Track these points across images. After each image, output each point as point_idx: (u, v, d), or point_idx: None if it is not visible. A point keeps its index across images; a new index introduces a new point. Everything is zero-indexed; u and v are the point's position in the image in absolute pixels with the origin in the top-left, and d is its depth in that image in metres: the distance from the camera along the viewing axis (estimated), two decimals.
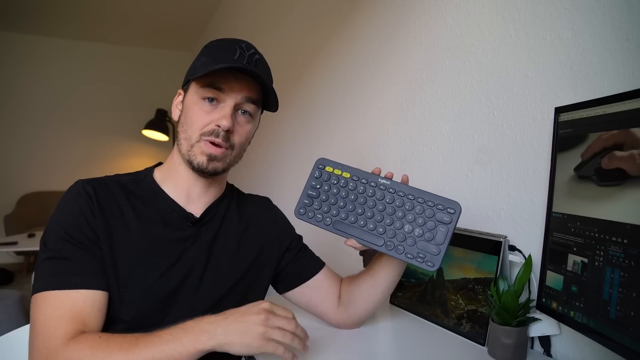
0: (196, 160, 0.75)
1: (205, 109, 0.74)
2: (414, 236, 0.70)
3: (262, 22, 2.73)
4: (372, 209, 0.73)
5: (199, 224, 0.80)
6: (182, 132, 0.77)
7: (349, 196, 0.75)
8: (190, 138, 0.75)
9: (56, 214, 0.71)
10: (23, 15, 3.86)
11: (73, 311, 0.64)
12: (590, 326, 0.61)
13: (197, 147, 0.75)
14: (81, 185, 0.73)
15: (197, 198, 0.81)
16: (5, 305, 2.16)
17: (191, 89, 0.77)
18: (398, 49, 1.36)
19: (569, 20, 0.83)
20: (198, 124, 0.74)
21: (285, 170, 2.32)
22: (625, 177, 0.57)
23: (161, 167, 0.83)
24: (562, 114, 0.72)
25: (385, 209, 0.73)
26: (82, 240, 0.68)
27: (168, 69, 4.64)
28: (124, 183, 0.78)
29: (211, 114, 0.74)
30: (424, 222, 0.70)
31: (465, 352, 0.85)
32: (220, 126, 0.73)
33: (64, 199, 0.72)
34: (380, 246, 0.72)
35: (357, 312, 0.90)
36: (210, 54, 0.76)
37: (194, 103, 0.75)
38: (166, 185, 0.80)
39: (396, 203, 0.72)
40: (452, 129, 1.14)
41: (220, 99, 0.75)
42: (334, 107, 1.79)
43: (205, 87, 0.74)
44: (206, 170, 0.76)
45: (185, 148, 0.76)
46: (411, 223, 0.71)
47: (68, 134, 4.50)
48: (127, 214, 0.74)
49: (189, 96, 0.77)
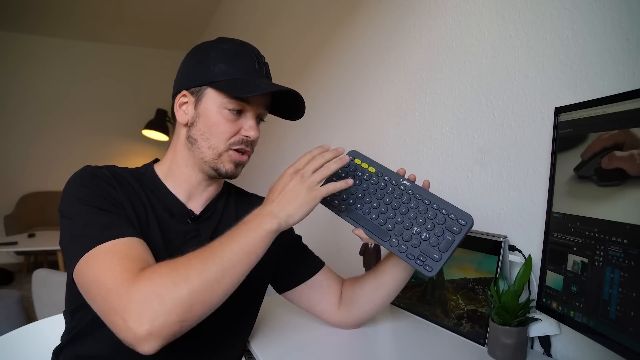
0: (224, 168, 0.77)
1: (229, 118, 0.75)
2: (420, 238, 0.71)
3: (262, 22, 2.73)
4: (387, 205, 0.75)
5: (198, 221, 0.80)
6: (203, 141, 0.76)
7: (369, 189, 0.77)
8: (217, 147, 0.75)
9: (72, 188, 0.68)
10: (23, 15, 3.86)
11: (132, 252, 0.61)
12: (590, 326, 0.61)
13: (226, 156, 0.76)
14: (94, 167, 0.73)
15: (198, 196, 0.81)
16: (5, 305, 2.16)
17: (210, 96, 0.75)
18: (398, 48, 1.36)
19: (569, 20, 0.83)
20: (225, 135, 0.75)
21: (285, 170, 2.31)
22: (625, 177, 0.57)
23: (161, 165, 0.83)
24: (562, 114, 0.72)
25: (400, 207, 0.74)
26: (110, 206, 0.67)
27: (168, 69, 4.62)
28: (129, 172, 0.78)
29: (236, 123, 0.75)
30: (433, 227, 0.71)
31: (465, 352, 0.85)
32: (251, 137, 0.76)
33: (77, 178, 0.70)
34: (385, 241, 0.72)
35: (359, 313, 0.90)
36: (229, 60, 0.75)
37: (217, 112, 0.74)
38: (168, 182, 0.80)
39: (411, 204, 0.73)
40: (452, 129, 1.14)
41: (245, 109, 0.76)
42: (334, 106, 1.79)
43: (233, 99, 0.74)
44: (234, 176, 0.78)
45: (211, 157, 0.76)
46: (420, 225, 0.71)
47: (68, 134, 4.50)
48: (142, 198, 0.74)
49: (207, 103, 0.75)
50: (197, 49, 0.79)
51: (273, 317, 1.02)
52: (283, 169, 0.73)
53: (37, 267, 3.35)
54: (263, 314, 1.01)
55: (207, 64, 0.75)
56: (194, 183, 0.80)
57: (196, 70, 0.76)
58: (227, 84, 0.73)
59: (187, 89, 0.77)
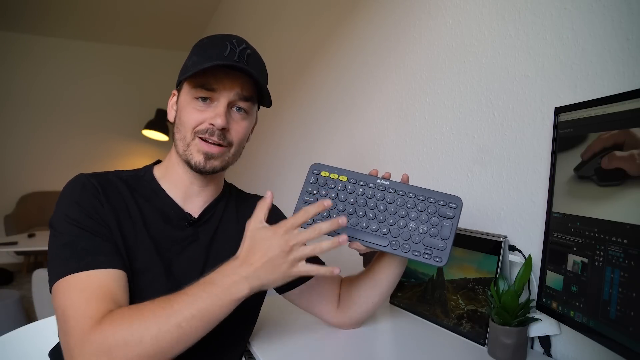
0: (193, 159, 0.75)
1: (198, 108, 0.74)
2: (419, 233, 0.70)
3: (262, 21, 2.73)
4: (373, 210, 0.73)
5: (196, 225, 0.79)
6: (177, 133, 0.77)
7: (349, 199, 0.74)
8: (185, 137, 0.75)
9: (64, 201, 0.70)
10: (22, 15, 3.86)
11: (101, 290, 0.62)
12: (590, 326, 0.61)
13: (193, 145, 0.75)
14: (85, 178, 0.73)
15: (195, 197, 0.81)
16: (5, 305, 2.16)
17: (184, 89, 0.76)
18: (398, 48, 1.36)
19: (569, 20, 0.83)
20: (191, 123, 0.74)
21: (284, 170, 2.32)
22: (625, 177, 0.57)
23: (160, 166, 0.83)
24: (562, 114, 0.72)
25: (387, 209, 0.72)
26: (96, 226, 0.68)
27: (168, 69, 4.62)
28: (125, 178, 0.78)
29: (204, 112, 0.74)
30: (428, 219, 0.70)
31: (465, 352, 0.85)
32: (215, 125, 0.73)
33: (69, 189, 0.72)
34: (385, 246, 0.71)
35: (357, 313, 0.90)
36: (201, 52, 0.75)
37: (187, 103, 0.75)
38: (165, 184, 0.80)
39: (397, 202, 0.72)
40: (452, 129, 1.14)
41: (213, 97, 0.74)
42: (334, 107, 1.79)
43: (197, 87, 0.73)
44: (204, 170, 0.75)
45: (182, 148, 0.76)
46: (415, 220, 0.71)
47: (68, 134, 4.50)
48: (131, 208, 0.74)
49: (182, 96, 0.77)
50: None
51: (273, 318, 1.02)
52: (283, 169, 0.73)
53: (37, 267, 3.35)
54: (264, 315, 1.01)
55: (186, 60, 0.77)
56: (187, 183, 0.80)
57: (182, 68, 0.78)
58: (188, 70, 0.73)
59: (176, 87, 0.80)
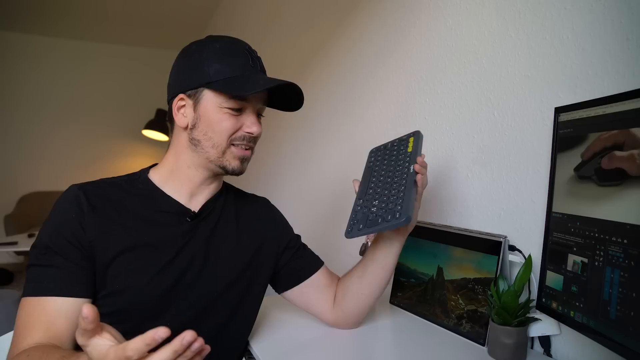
0: (230, 165, 0.78)
1: (231, 116, 0.76)
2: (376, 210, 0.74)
3: (262, 21, 2.73)
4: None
5: (197, 219, 0.80)
6: (206, 140, 0.76)
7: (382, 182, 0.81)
8: (220, 145, 0.76)
9: (46, 221, 0.72)
10: (22, 15, 3.85)
11: (41, 318, 0.66)
12: (590, 326, 0.61)
13: (229, 152, 0.77)
14: (72, 190, 0.74)
15: (199, 195, 0.82)
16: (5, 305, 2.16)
17: (209, 97, 0.75)
18: (398, 48, 1.36)
19: (569, 20, 0.83)
20: (228, 132, 0.76)
21: (284, 170, 2.32)
22: (625, 177, 0.57)
23: (159, 169, 0.82)
24: (562, 114, 0.72)
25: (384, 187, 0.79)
26: (64, 248, 0.69)
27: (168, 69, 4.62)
28: (119, 183, 0.79)
29: (237, 120, 0.76)
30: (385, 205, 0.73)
31: (465, 352, 0.85)
32: (253, 133, 0.77)
33: (54, 206, 0.73)
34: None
35: (350, 308, 0.90)
36: (222, 59, 0.74)
37: (217, 111, 0.75)
38: (168, 186, 0.80)
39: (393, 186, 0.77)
40: (452, 129, 1.14)
41: (244, 107, 0.77)
42: (334, 107, 1.79)
43: (231, 99, 0.74)
44: (240, 172, 0.79)
45: (216, 155, 0.77)
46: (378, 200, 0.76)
47: (68, 133, 4.50)
48: (123, 213, 0.74)
49: (206, 104, 0.75)
50: (187, 51, 0.79)
51: (273, 318, 1.02)
52: (282, 169, 0.73)
53: None
54: (264, 315, 1.02)
55: (201, 65, 0.75)
56: (197, 183, 0.80)
57: (190, 72, 0.76)
58: (225, 83, 0.73)
59: (183, 92, 0.76)
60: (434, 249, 1.04)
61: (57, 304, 0.67)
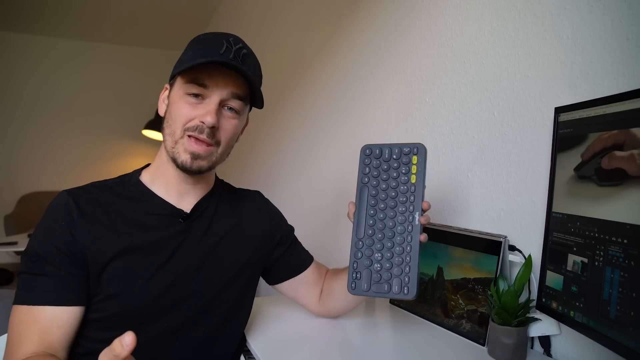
0: (180, 158, 0.73)
1: (191, 104, 0.73)
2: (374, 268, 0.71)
3: (262, 21, 2.73)
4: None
5: (189, 219, 0.79)
6: (166, 128, 0.76)
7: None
8: (174, 133, 0.74)
9: (36, 228, 0.72)
10: (21, 15, 3.85)
11: (34, 327, 0.66)
12: (590, 326, 0.61)
13: (181, 143, 0.73)
14: (62, 197, 0.73)
15: (187, 195, 0.81)
16: (5, 305, 2.16)
17: (177, 84, 0.75)
18: (398, 49, 1.36)
19: (569, 20, 0.83)
20: (182, 119, 0.73)
21: (284, 170, 2.32)
22: (625, 177, 0.57)
23: (149, 168, 0.82)
24: (562, 114, 0.72)
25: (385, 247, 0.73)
26: (55, 256, 0.69)
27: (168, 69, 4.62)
28: (110, 186, 0.78)
29: (196, 109, 0.73)
30: (390, 268, 0.70)
31: (465, 352, 0.85)
32: (205, 122, 0.72)
33: (45, 213, 0.73)
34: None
35: (334, 308, 0.96)
36: (197, 47, 0.75)
37: (179, 98, 0.74)
38: (156, 185, 0.79)
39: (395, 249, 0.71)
40: (452, 129, 1.14)
41: (205, 94, 0.73)
42: (334, 107, 1.79)
43: (189, 83, 0.72)
44: (190, 169, 0.74)
45: (170, 144, 0.75)
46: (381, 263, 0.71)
47: (68, 134, 4.50)
48: (114, 217, 0.74)
49: (174, 91, 0.76)
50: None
51: (272, 315, 1.02)
52: (282, 169, 0.73)
53: None
54: (261, 312, 1.02)
55: (181, 54, 0.77)
56: (178, 181, 0.79)
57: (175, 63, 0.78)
58: (182, 65, 0.72)
59: (169, 81, 0.79)
60: (434, 249, 1.04)
61: (49, 314, 0.67)
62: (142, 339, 0.71)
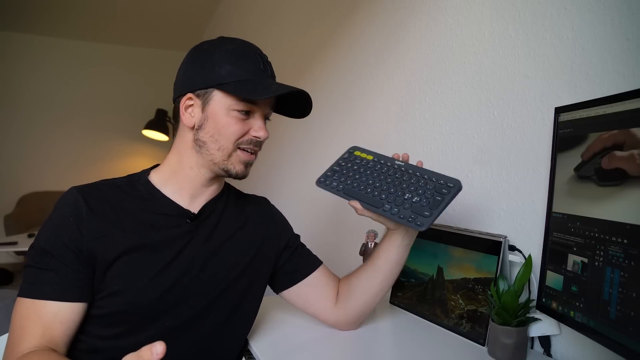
0: (234, 169, 0.78)
1: (239, 119, 0.76)
2: (411, 202, 0.75)
3: (262, 21, 2.73)
4: (381, 180, 0.81)
5: (197, 220, 0.80)
6: (212, 142, 0.76)
7: (365, 172, 0.85)
8: (226, 148, 0.76)
9: (45, 223, 0.72)
10: (21, 15, 3.86)
11: (37, 322, 0.66)
12: (590, 326, 0.61)
13: (235, 156, 0.77)
14: (71, 193, 0.73)
15: (200, 196, 0.81)
16: (5, 305, 2.16)
17: (218, 98, 0.74)
18: (398, 49, 1.36)
19: (569, 20, 0.83)
20: (234, 136, 0.76)
21: (284, 170, 2.32)
22: (625, 177, 0.57)
23: (160, 170, 0.82)
24: (562, 114, 0.72)
25: (393, 181, 0.80)
26: (61, 252, 0.69)
27: (168, 69, 4.61)
28: (119, 185, 0.78)
29: (245, 124, 0.76)
30: (423, 192, 0.76)
31: (465, 352, 0.85)
32: (260, 137, 0.78)
33: (54, 208, 0.73)
34: (378, 208, 0.77)
35: (356, 306, 0.89)
36: (234, 61, 0.74)
37: (224, 114, 0.75)
38: (167, 187, 0.79)
39: (403, 177, 0.80)
40: (452, 129, 1.14)
41: (252, 110, 0.77)
42: (334, 107, 1.79)
43: (241, 101, 0.74)
44: (244, 176, 0.80)
45: (221, 158, 0.77)
46: (411, 192, 0.77)
47: (68, 134, 4.50)
48: (122, 216, 0.74)
49: (215, 106, 0.75)
50: (198, 50, 0.78)
51: (274, 318, 1.02)
52: (282, 169, 0.73)
53: None
54: (264, 314, 1.02)
55: (212, 65, 0.74)
56: (198, 184, 0.80)
57: (201, 72, 0.75)
58: (236, 86, 0.73)
59: (192, 91, 0.76)
60: (434, 249, 1.04)
61: (52, 309, 0.67)
62: (143, 337, 0.72)
